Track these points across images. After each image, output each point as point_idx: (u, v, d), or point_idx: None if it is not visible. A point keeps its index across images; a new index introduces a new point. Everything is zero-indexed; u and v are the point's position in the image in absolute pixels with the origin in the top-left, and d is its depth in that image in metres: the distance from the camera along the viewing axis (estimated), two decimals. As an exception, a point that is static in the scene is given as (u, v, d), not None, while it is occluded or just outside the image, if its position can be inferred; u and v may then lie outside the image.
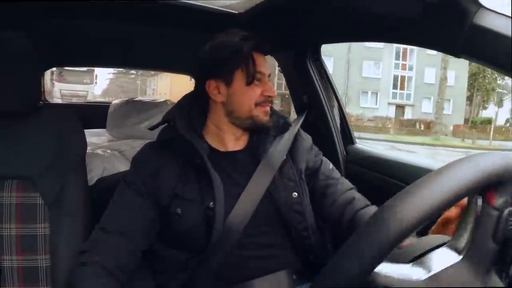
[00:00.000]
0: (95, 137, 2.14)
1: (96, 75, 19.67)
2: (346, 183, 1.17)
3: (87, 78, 18.59)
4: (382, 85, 25.85)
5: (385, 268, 0.49)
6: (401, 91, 26.16)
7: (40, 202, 1.05)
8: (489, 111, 26.37)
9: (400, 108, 26.18)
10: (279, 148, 1.09)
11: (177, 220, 1.00)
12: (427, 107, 25.43)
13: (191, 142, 1.00)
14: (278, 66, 1.82)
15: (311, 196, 1.12)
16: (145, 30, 1.67)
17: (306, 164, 1.13)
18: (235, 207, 0.99)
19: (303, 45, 1.62)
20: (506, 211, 0.47)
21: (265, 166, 1.05)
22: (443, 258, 0.49)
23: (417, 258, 0.51)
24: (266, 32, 1.51)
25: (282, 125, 1.12)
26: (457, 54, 0.88)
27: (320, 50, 1.65)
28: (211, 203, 0.98)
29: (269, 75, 1.09)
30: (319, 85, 1.66)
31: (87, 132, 1.21)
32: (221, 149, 1.08)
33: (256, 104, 1.04)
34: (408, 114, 26.06)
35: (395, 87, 26.09)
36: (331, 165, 1.19)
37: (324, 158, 1.20)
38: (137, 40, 1.85)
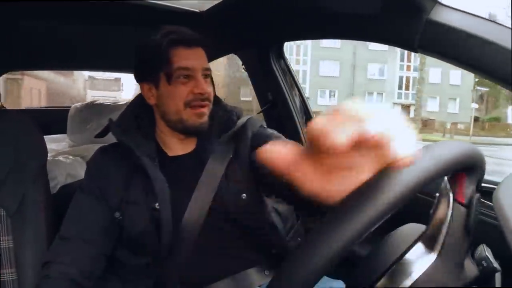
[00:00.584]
0: (54, 143, 2.06)
1: (122, 83, 21.68)
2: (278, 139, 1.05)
3: (115, 86, 20.66)
4: (387, 86, 27.06)
5: None
6: (406, 91, 27.42)
7: (2, 213, 1.01)
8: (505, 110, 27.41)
9: (405, 107, 27.11)
10: (224, 148, 1.04)
11: (126, 223, 0.98)
12: (432, 106, 26.58)
13: (128, 145, 0.98)
14: (242, 64, 1.82)
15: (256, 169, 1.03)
16: (106, 31, 1.62)
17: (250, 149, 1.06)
18: (186, 211, 0.97)
19: (266, 43, 1.63)
20: (474, 201, 0.48)
21: (211, 169, 1.01)
22: (420, 258, 0.48)
23: (394, 263, 0.49)
24: (229, 31, 1.51)
25: (225, 122, 1.06)
26: (415, 49, 0.92)
27: (283, 48, 1.67)
28: (156, 204, 0.96)
29: (207, 70, 1.01)
30: (283, 82, 1.67)
31: (45, 138, 1.16)
32: (169, 153, 1.06)
33: (186, 105, 0.98)
34: (413, 113, 26.99)
35: (400, 87, 27.41)
36: (270, 132, 1.09)
37: (266, 130, 1.09)
38: (97, 42, 1.80)
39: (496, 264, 0.52)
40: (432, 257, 0.47)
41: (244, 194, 1.02)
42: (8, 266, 1.00)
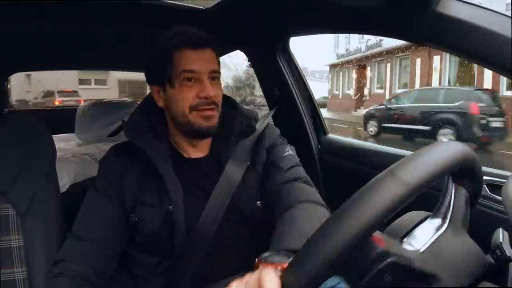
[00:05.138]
0: (63, 143, 2.08)
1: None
2: (289, 175, 1.03)
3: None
4: None
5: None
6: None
7: (12, 213, 1.01)
8: None
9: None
10: (242, 153, 1.04)
11: (139, 224, 0.98)
12: None
13: (141, 148, 0.97)
14: (248, 61, 1.81)
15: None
16: (112, 31, 1.63)
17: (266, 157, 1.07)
18: (202, 215, 0.97)
19: (271, 39, 1.62)
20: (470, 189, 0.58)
21: (229, 174, 1.01)
22: (430, 230, 0.55)
23: (405, 235, 0.55)
24: (234, 27, 1.51)
25: (245, 128, 1.07)
26: (422, 42, 0.91)
27: (288, 43, 1.66)
28: (170, 207, 0.96)
29: (214, 72, 0.98)
30: (289, 78, 1.67)
31: (54, 137, 1.17)
32: (184, 155, 1.06)
33: (192, 109, 0.96)
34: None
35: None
36: (286, 153, 1.07)
37: (283, 147, 1.09)
38: (104, 42, 1.81)
39: (510, 253, 0.52)
40: (442, 227, 0.56)
41: (259, 202, 1.04)
42: (19, 264, 1.01)
